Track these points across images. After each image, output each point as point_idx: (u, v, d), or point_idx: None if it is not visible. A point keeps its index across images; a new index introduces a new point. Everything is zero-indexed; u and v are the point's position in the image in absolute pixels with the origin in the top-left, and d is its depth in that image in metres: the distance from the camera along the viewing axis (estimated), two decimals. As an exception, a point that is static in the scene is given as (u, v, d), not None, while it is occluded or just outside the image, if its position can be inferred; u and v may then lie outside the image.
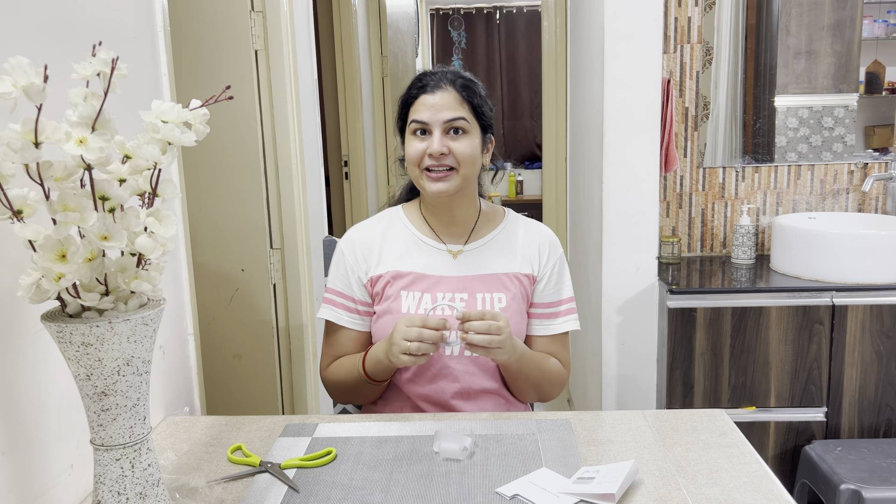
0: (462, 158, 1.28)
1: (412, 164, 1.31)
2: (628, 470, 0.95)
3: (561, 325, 1.38)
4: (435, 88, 1.30)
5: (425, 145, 1.28)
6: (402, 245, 1.37)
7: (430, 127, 1.28)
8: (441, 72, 1.34)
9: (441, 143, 1.27)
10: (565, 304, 1.39)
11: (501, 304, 1.33)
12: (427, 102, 1.29)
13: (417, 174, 1.31)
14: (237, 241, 2.08)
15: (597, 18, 2.14)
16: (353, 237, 1.40)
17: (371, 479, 0.99)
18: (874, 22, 2.28)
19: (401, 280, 1.34)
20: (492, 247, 1.38)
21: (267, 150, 2.05)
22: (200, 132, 0.81)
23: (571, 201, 2.98)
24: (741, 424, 1.27)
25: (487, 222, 1.41)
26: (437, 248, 1.37)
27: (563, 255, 1.42)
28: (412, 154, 1.30)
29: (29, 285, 0.72)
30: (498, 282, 1.34)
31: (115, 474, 0.79)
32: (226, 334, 2.12)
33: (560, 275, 1.40)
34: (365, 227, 1.41)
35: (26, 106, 0.72)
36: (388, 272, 1.34)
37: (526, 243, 1.39)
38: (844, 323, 1.93)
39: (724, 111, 2.30)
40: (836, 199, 2.32)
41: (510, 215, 1.44)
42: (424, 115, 1.29)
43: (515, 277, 1.35)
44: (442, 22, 6.08)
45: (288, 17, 2.03)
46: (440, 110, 1.28)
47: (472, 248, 1.37)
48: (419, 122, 1.29)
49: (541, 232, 1.42)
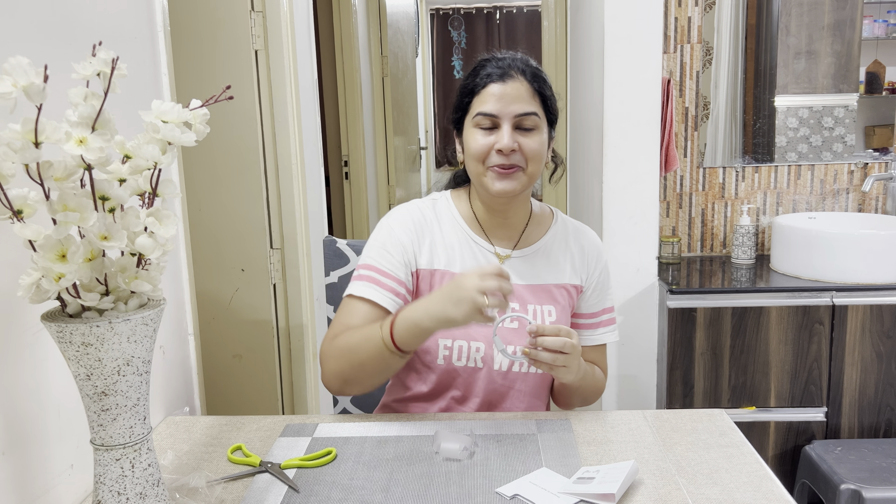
0: (532, 156, 1.17)
1: (475, 159, 1.18)
2: (628, 470, 0.95)
3: (602, 335, 1.31)
4: (505, 77, 1.18)
5: (492, 140, 1.17)
6: (452, 240, 1.25)
7: (499, 120, 1.17)
8: (510, 58, 1.21)
9: (511, 138, 1.16)
10: (607, 314, 1.32)
11: (552, 317, 1.24)
12: (496, 93, 1.17)
13: (481, 171, 1.19)
14: (237, 241, 2.08)
15: (597, 18, 2.14)
16: (405, 217, 1.25)
17: (371, 479, 0.99)
18: (874, 22, 2.28)
19: (448, 280, 1.20)
20: (541, 254, 1.28)
21: (267, 150, 2.05)
22: (200, 132, 0.81)
23: (571, 201, 2.98)
24: (741, 424, 1.27)
25: (537, 226, 1.30)
26: (486, 248, 1.26)
27: (607, 262, 1.34)
28: (476, 149, 1.17)
29: (29, 285, 0.72)
30: (548, 293, 1.26)
31: (115, 474, 0.79)
32: (226, 334, 2.12)
33: (604, 284, 1.32)
34: (416, 209, 1.27)
35: (26, 106, 0.72)
36: (436, 270, 1.23)
37: (576, 251, 1.30)
38: (844, 323, 1.93)
39: (724, 111, 2.30)
40: (836, 199, 2.32)
41: (559, 218, 1.33)
42: (494, 106, 1.16)
43: (565, 289, 1.27)
44: (442, 22, 6.09)
45: (288, 17, 2.03)
46: (511, 102, 1.16)
47: (521, 255, 1.27)
48: (487, 114, 1.17)
49: (589, 238, 1.33)
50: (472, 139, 1.19)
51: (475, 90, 1.20)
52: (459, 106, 1.24)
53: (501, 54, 1.23)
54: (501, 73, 1.18)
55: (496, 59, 1.21)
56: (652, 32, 2.03)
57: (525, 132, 1.18)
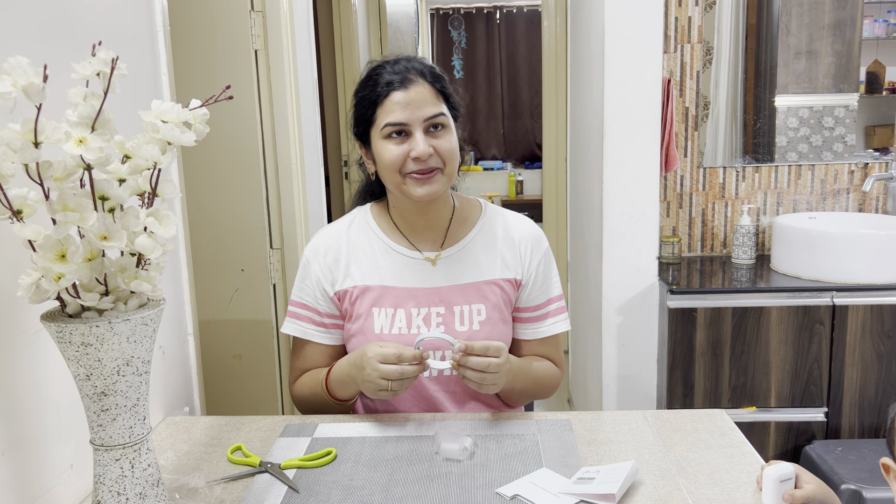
0: (448, 157, 1.17)
1: (391, 170, 1.16)
2: (629, 470, 0.94)
3: (550, 326, 1.29)
4: (406, 83, 1.16)
5: (406, 148, 1.15)
6: (370, 254, 1.26)
7: (409, 127, 1.15)
8: (404, 62, 1.19)
9: (426, 143, 1.15)
10: (554, 304, 1.30)
11: (481, 316, 1.23)
12: (401, 100, 1.15)
13: (398, 180, 1.17)
14: (237, 241, 2.08)
15: (597, 18, 2.14)
16: (318, 245, 1.27)
17: (371, 480, 0.99)
18: (874, 22, 2.28)
19: (370, 295, 1.23)
20: (469, 251, 1.26)
21: (267, 150, 2.05)
22: (200, 132, 0.81)
23: (571, 201, 2.98)
24: (741, 424, 1.26)
25: (462, 223, 1.29)
26: (410, 256, 1.25)
27: (548, 250, 1.31)
28: (392, 159, 1.15)
29: (29, 285, 0.72)
30: (476, 291, 1.24)
31: (115, 474, 0.79)
32: (226, 334, 2.12)
33: (546, 273, 1.29)
34: (331, 235, 1.28)
35: (26, 106, 0.72)
36: (355, 287, 1.24)
37: (506, 244, 1.28)
38: (845, 323, 1.93)
39: (725, 111, 2.30)
40: (836, 199, 2.32)
41: (488, 211, 1.31)
42: (401, 114, 1.15)
43: (496, 284, 1.25)
44: (442, 22, 6.08)
45: (288, 16, 2.03)
46: (419, 107, 1.15)
47: (448, 255, 1.26)
48: (397, 123, 1.15)
49: (521, 229, 1.29)
50: (384, 151, 1.16)
51: (377, 101, 1.17)
52: (362, 118, 1.20)
53: (394, 59, 1.21)
54: (401, 79, 1.16)
55: (391, 65, 1.19)
56: (652, 32, 2.02)
57: (436, 134, 1.17)
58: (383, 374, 1.06)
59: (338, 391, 1.20)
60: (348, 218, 1.31)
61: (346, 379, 1.16)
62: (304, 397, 1.27)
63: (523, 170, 6.10)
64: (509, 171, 6.04)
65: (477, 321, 1.23)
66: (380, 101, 1.17)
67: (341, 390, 1.19)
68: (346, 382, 1.17)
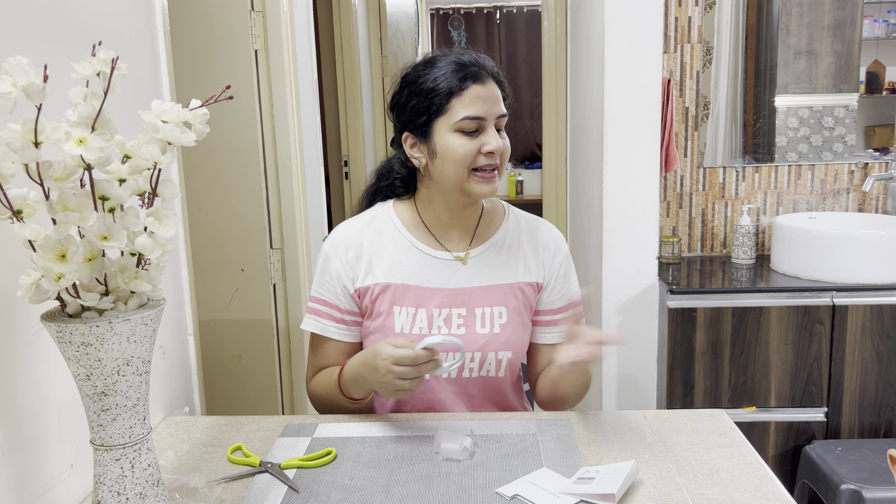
0: (506, 156, 1.18)
1: (461, 164, 1.14)
2: (628, 470, 0.94)
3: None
4: (482, 78, 1.15)
5: (477, 143, 1.14)
6: (393, 252, 1.24)
7: (485, 123, 1.15)
8: (476, 58, 1.19)
9: (498, 139, 1.15)
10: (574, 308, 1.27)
11: (502, 319, 1.23)
12: (480, 95, 1.14)
13: (465, 176, 1.15)
14: (237, 241, 2.08)
15: (597, 18, 2.14)
16: (339, 240, 1.25)
17: (371, 480, 0.99)
18: (874, 22, 2.28)
19: (392, 293, 1.22)
20: (495, 252, 1.26)
21: (267, 150, 2.05)
22: (200, 132, 0.81)
23: (571, 201, 2.98)
24: (741, 424, 1.26)
25: (489, 222, 1.28)
26: (434, 255, 1.24)
27: (568, 253, 1.31)
28: (464, 154, 1.14)
29: (29, 285, 0.72)
30: (500, 294, 1.24)
31: (115, 474, 0.79)
32: (226, 334, 2.12)
33: (567, 276, 1.30)
34: (353, 230, 1.26)
35: (26, 106, 0.72)
36: (376, 284, 1.22)
37: (530, 246, 1.28)
38: (845, 323, 1.93)
39: (725, 111, 2.30)
40: (836, 199, 2.32)
41: (511, 214, 1.31)
42: (481, 108, 1.14)
43: (518, 289, 1.25)
44: (442, 22, 6.08)
45: (288, 17, 2.03)
46: (493, 103, 1.15)
47: (478, 252, 1.25)
48: (476, 117, 1.13)
49: (545, 233, 1.30)
50: (455, 144, 1.14)
51: (454, 92, 1.14)
52: (428, 108, 1.16)
53: (465, 54, 1.19)
54: (477, 74, 1.15)
55: (472, 61, 1.17)
56: (652, 32, 2.03)
57: (499, 133, 1.18)
58: (400, 374, 1.04)
59: (352, 390, 1.18)
60: (370, 213, 1.30)
61: (358, 378, 1.15)
62: (321, 395, 1.26)
63: (523, 170, 6.10)
64: (509, 170, 6.04)
65: (498, 324, 1.23)
66: (457, 92, 1.14)
67: (355, 389, 1.17)
68: (358, 382, 1.15)
